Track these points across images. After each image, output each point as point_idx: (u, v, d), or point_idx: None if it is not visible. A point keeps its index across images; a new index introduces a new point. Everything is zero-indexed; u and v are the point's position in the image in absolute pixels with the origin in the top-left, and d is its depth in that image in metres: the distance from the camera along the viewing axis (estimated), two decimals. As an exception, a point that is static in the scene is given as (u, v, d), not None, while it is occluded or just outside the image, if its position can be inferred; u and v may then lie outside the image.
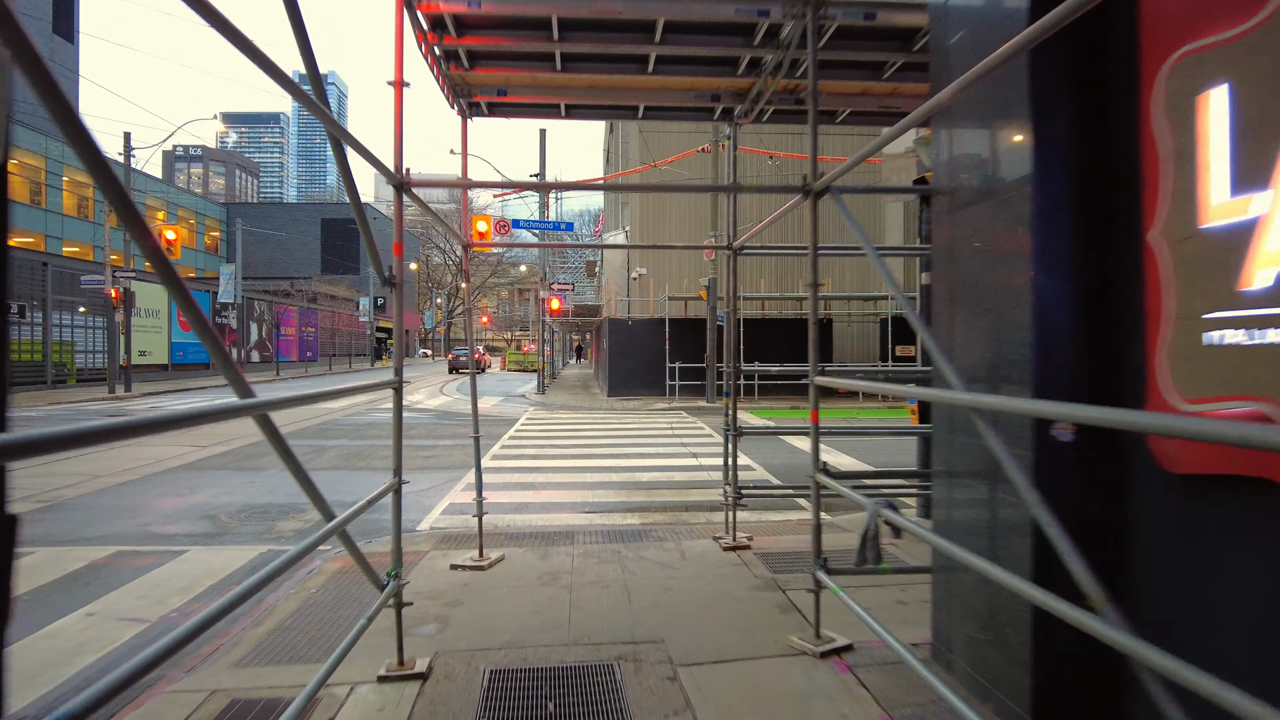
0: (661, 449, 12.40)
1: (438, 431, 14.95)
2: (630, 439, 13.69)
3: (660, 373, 21.66)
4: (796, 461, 11.08)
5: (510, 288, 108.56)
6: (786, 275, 24.83)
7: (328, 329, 51.07)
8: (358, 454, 11.89)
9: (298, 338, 46.98)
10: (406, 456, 10.94)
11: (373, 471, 10.36)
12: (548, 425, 16.18)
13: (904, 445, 11.98)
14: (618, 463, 11.00)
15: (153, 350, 32.05)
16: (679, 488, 9.24)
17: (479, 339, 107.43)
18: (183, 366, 34.22)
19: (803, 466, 10.18)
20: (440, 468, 10.58)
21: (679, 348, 21.39)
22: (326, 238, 62.57)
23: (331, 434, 14.41)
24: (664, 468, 10.58)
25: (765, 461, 11.02)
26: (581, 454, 11.85)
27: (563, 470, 10.38)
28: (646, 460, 11.22)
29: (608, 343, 22.94)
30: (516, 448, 12.60)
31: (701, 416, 18.00)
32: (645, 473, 10.19)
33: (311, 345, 49.63)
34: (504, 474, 10.04)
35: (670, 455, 11.73)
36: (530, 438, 13.95)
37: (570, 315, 26.82)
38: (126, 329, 24.59)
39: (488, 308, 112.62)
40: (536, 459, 11.38)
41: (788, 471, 10.21)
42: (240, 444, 12.92)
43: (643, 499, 8.54)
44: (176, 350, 33.82)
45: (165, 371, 32.82)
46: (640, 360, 22.44)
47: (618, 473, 10.18)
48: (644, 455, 11.71)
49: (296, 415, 17.71)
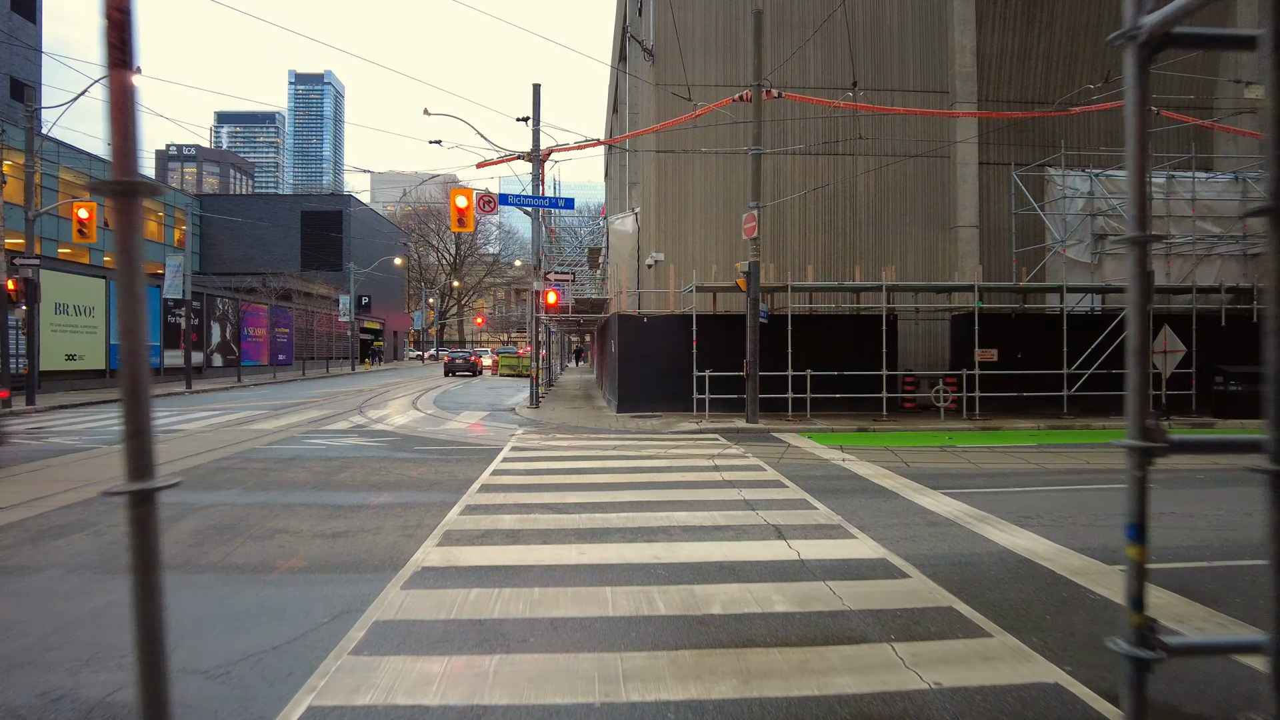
0: (714, 508, 7.88)
1: (382, 474, 10.42)
2: (661, 487, 9.17)
3: (684, 382, 17.15)
4: (953, 550, 6.54)
5: (506, 288, 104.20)
6: (838, 258, 20.29)
7: (304, 330, 46.50)
8: (229, 527, 7.37)
9: (269, 339, 42.42)
10: (303, 540, 6.41)
11: (224, 580, 5.83)
12: (540, 460, 11.66)
13: (1083, 497, 7.52)
14: (652, 548, 6.47)
15: (86, 354, 27.50)
16: (799, 638, 4.68)
17: (474, 340, 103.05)
18: (124, 372, 29.60)
19: (964, 561, 5.68)
20: (345, 569, 6.06)
21: (706, 351, 16.90)
22: (307, 232, 58.01)
23: (219, 479, 9.88)
24: (738, 565, 6.05)
25: (889, 537, 6.50)
26: (590, 522, 7.33)
27: (558, 570, 5.86)
28: (700, 541, 6.69)
29: (617, 345, 18.42)
30: (488, 509, 8.08)
31: (745, 443, 13.47)
32: (709, 579, 5.66)
33: (285, 348, 45.05)
34: (455, 583, 5.52)
35: (734, 527, 7.20)
36: (512, 486, 9.42)
37: (570, 311, 22.27)
38: (30, 328, 20.09)
39: (484, 308, 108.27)
40: (516, 538, 6.86)
41: (951, 571, 5.69)
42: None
43: (730, 671, 3.99)
44: (117, 353, 29.20)
45: (102, 378, 28.26)
46: (658, 366, 17.91)
47: (659, 579, 5.66)
48: (691, 527, 7.18)
49: (197, 444, 13.19)
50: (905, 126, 19.94)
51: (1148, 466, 2.33)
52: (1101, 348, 17.10)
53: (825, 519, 7.56)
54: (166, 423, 16.62)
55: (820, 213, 20.25)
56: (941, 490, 9.07)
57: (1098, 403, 17.74)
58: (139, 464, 1.89)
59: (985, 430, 15.45)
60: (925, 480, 9.78)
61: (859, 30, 20.09)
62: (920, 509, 8.10)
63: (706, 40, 19.42)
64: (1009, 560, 6.23)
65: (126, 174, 1.89)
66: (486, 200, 19.36)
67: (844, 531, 7.09)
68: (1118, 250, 19.16)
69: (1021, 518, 7.68)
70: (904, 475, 10.14)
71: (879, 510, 8.02)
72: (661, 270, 19.60)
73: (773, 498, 8.57)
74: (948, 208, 20.40)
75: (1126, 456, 2.33)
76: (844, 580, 5.66)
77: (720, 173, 19.95)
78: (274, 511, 7.97)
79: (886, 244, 20.31)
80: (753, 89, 15.51)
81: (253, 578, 5.73)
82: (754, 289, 15.49)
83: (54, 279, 25.82)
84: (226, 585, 5.54)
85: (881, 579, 5.74)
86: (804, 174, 20.07)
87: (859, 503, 8.38)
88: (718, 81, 18.71)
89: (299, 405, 22.11)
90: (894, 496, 8.74)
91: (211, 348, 36.79)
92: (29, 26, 49.01)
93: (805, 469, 10.65)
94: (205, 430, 15.36)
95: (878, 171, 20.09)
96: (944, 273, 20.22)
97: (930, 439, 14.23)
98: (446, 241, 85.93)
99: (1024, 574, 5.86)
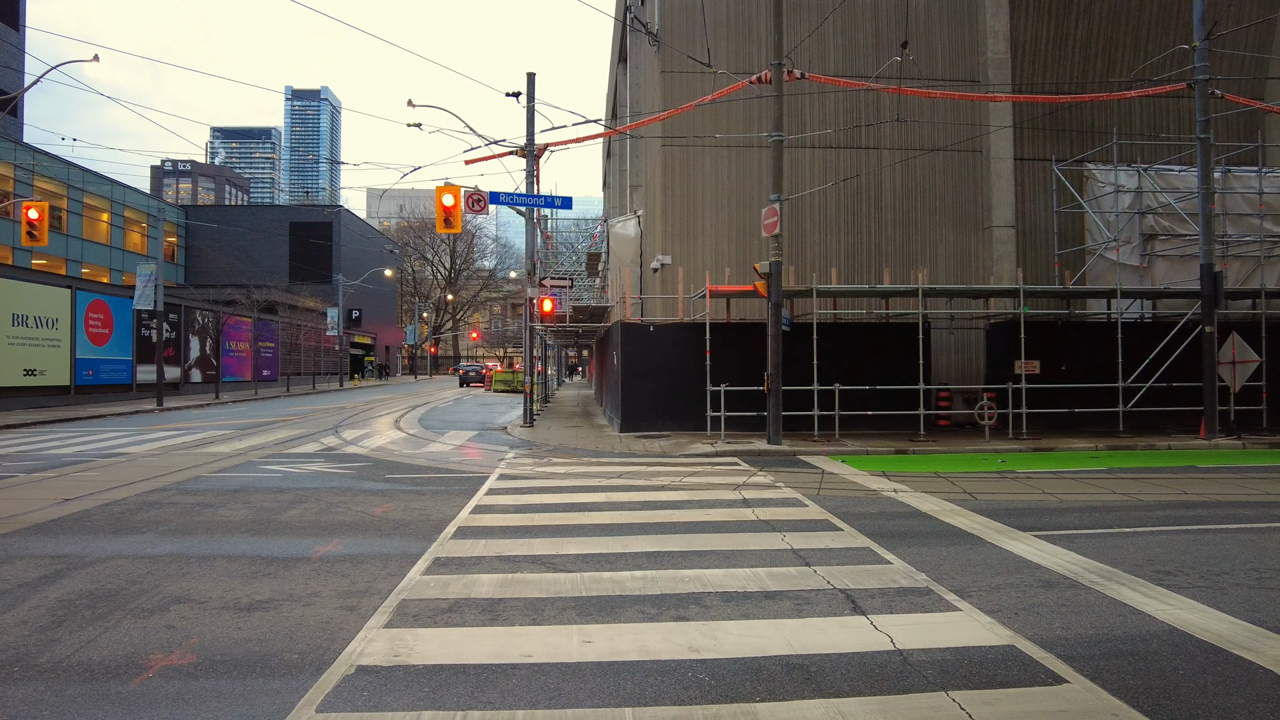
0: (755, 561, 6.04)
1: (338, 511, 8.57)
2: (682, 530, 7.33)
3: (695, 398, 15.34)
4: (1097, 628, 4.67)
5: (502, 302, 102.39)
6: (861, 261, 18.52)
7: (289, 344, 44.62)
8: (111, 595, 5.51)
9: (252, 354, 40.51)
10: (206, 615, 4.51)
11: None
12: (532, 492, 9.81)
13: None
14: (684, 631, 4.61)
15: (47, 369, 25.57)
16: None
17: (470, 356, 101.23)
18: (92, 388, 27.73)
19: (1124, 649, 3.78)
20: (247, 669, 4.20)
21: (720, 363, 15.10)
22: (295, 244, 56.22)
23: (135, 519, 8.01)
24: (811, 662, 4.19)
25: (1001, 606, 4.65)
26: (596, 585, 5.49)
27: (554, 673, 4.00)
28: (749, 618, 4.85)
29: (620, 356, 16.61)
30: (462, 565, 6.23)
31: (771, 469, 11.64)
32: (775, 689, 3.82)
33: (270, 363, 43.15)
34: (400, 699, 3.67)
35: (790, 593, 5.36)
36: (495, 530, 7.56)
37: (568, 320, 20.46)
38: (-27, 341, 18.25)
39: (479, 323, 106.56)
40: (495, 612, 5.01)
41: (1118, 668, 3.83)
42: None
43: None
44: (83, 369, 27.34)
45: (66, 395, 26.35)
46: (666, 381, 16.10)
47: (702, 692, 3.80)
48: (733, 594, 5.34)
49: (134, 472, 11.32)
50: (934, 118, 18.25)
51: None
52: (1158, 359, 15.34)
53: (906, 578, 5.73)
54: (112, 445, 14.75)
55: (842, 211, 18.49)
56: (1031, 532, 7.25)
57: (1152, 419, 15.96)
58: None
59: (1038, 451, 13.63)
60: (1004, 517, 7.95)
61: (882, 12, 18.45)
62: (1020, 560, 6.27)
63: (716, 23, 17.75)
64: (1188, 648, 4.41)
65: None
66: (476, 199, 17.60)
67: (938, 599, 5.26)
68: (1170, 252, 17.46)
69: (1157, 574, 5.86)
70: (976, 511, 8.32)
71: (968, 564, 6.20)
72: (669, 275, 17.82)
73: (828, 546, 6.73)
74: (981, 206, 18.65)
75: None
76: (971, 688, 3.83)
77: (733, 167, 18.21)
78: (184, 567, 6.11)
79: (914, 245, 18.54)
80: (773, 68, 13.80)
81: (101, 689, 3.88)
82: (776, 292, 13.71)
83: (12, 288, 24.00)
84: (53, 707, 3.69)
85: (1024, 683, 3.91)
86: (824, 169, 18.34)
87: (939, 552, 6.55)
88: (729, 68, 17.02)
89: (270, 424, 20.22)
90: (978, 542, 6.90)
91: (190, 363, 34.86)
92: (10, 33, 47.66)
93: (853, 504, 8.82)
94: (153, 454, 13.49)
95: (904, 166, 18.36)
96: (977, 276, 18.47)
97: (980, 462, 12.41)
98: (441, 255, 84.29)
99: (1228, 675, 4.03)
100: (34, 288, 25.28)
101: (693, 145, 17.98)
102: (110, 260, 44.98)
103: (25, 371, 24.41)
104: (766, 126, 15.50)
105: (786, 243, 15.26)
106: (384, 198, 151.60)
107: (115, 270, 44.62)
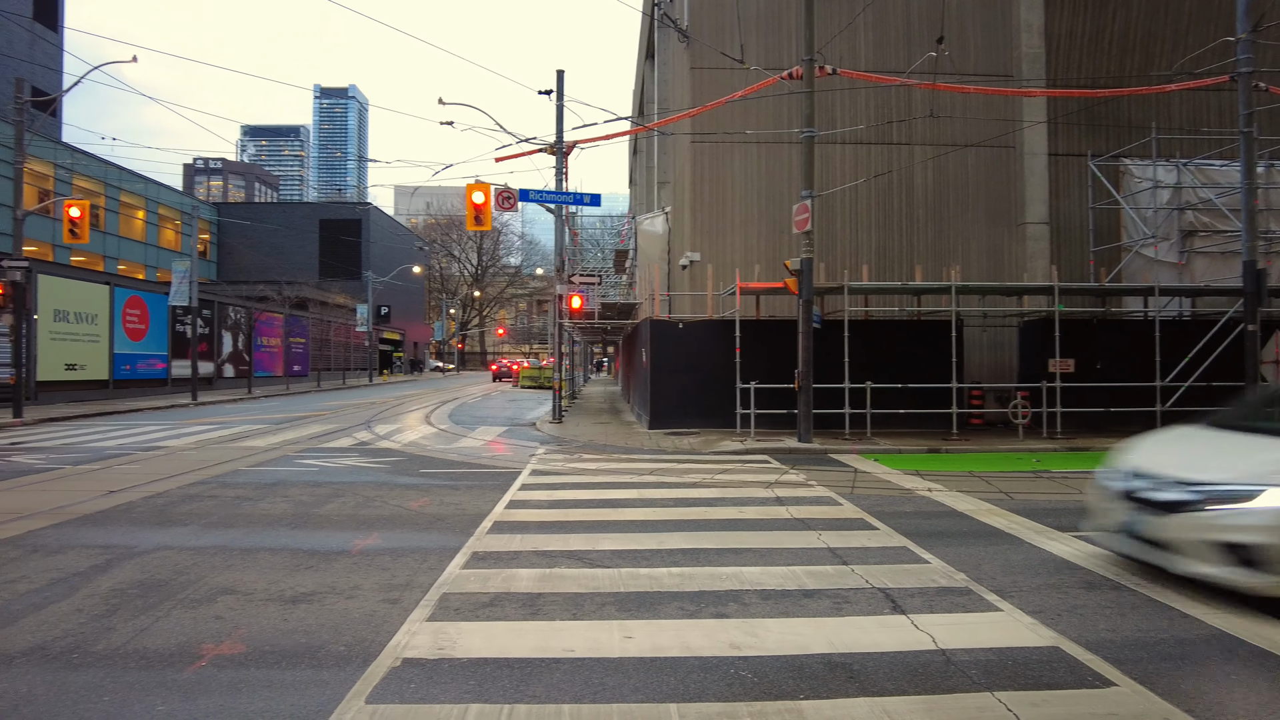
0: (792, 560, 6.04)
1: (376, 505, 8.69)
2: (717, 527, 7.35)
3: (725, 395, 15.31)
4: (1143, 630, 4.61)
5: (528, 299, 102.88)
6: (892, 258, 18.35)
7: (320, 339, 45.21)
8: (161, 585, 5.64)
9: (283, 349, 41.12)
10: (252, 607, 4.60)
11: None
12: (565, 488, 9.87)
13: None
14: (725, 629, 4.63)
15: (88, 363, 26.17)
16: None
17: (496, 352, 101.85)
18: (130, 383, 28.34)
19: (1170, 651, 3.82)
20: (296, 659, 4.28)
21: (750, 360, 15.07)
22: (325, 241, 56.92)
23: (179, 511, 8.19)
24: (853, 660, 4.19)
25: (1043, 606, 4.60)
26: (633, 581, 5.53)
27: (598, 668, 4.04)
28: (789, 615, 4.85)
29: (649, 353, 16.63)
30: (500, 559, 6.29)
31: (803, 467, 11.60)
32: (818, 686, 3.83)
33: (300, 358, 43.77)
34: (446, 691, 3.72)
35: (828, 592, 5.35)
36: (531, 525, 7.62)
37: (595, 317, 20.52)
38: (17, 335, 18.71)
39: (505, 320, 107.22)
40: (536, 607, 5.06)
41: (1166, 671, 3.76)
42: None
43: None
44: (121, 363, 27.95)
45: (105, 389, 26.96)
46: (695, 378, 16.09)
47: (745, 688, 3.82)
48: (771, 591, 5.34)
49: (174, 465, 11.57)
50: (966, 113, 18.03)
51: None
52: (1198, 358, 15.03)
53: (945, 577, 5.70)
54: (152, 439, 15.07)
55: (873, 207, 18.35)
56: (1070, 533, 7.16)
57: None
58: None
59: (1073, 451, 13.44)
60: (1042, 517, 7.86)
61: (914, 6, 18.24)
62: (1059, 560, 6.20)
63: (745, 18, 17.66)
64: (1240, 651, 4.34)
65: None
66: (506, 195, 17.72)
67: (978, 598, 5.23)
68: (1209, 248, 17.10)
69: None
70: (1013, 511, 8.23)
71: (1008, 563, 6.14)
72: (698, 272, 17.80)
73: (865, 544, 6.70)
74: (1014, 202, 18.40)
75: None
76: (1017, 689, 3.81)
77: (763, 163, 18.14)
78: (229, 559, 6.24)
79: (946, 242, 18.35)
80: (804, 64, 13.73)
81: (158, 677, 3.98)
82: (807, 289, 13.65)
83: (54, 284, 24.60)
84: (113, 693, 3.80)
85: (1070, 685, 3.88)
86: (854, 165, 18.20)
87: (977, 551, 6.49)
88: (759, 63, 16.94)
89: (303, 419, 20.53)
90: (1017, 542, 6.84)
91: (222, 358, 35.50)
92: (50, 34, 48.72)
93: (888, 503, 8.76)
94: (190, 448, 13.76)
95: (936, 162, 18.16)
96: (1010, 274, 18.22)
97: (1015, 462, 12.26)
98: (468, 252, 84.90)
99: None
100: (74, 284, 25.87)
101: (722, 141, 17.95)
102: (145, 257, 45.87)
103: (66, 366, 25.00)
104: (797, 122, 15.40)
105: (817, 239, 15.15)
106: (413, 195, 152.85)
107: (150, 267, 45.50)
